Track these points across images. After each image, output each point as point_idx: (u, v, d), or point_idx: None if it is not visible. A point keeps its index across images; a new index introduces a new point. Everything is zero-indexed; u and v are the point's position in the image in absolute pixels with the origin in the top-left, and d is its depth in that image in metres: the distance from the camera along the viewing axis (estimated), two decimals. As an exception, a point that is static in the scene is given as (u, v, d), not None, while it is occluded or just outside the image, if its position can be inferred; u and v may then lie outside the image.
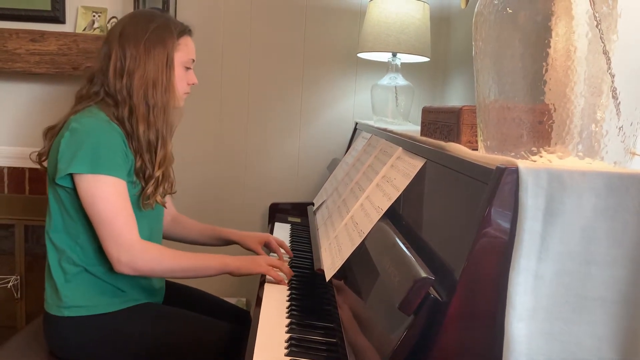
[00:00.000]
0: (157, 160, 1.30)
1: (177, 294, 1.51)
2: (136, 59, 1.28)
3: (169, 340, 1.30)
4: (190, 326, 1.33)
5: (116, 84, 1.28)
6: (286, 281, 1.30)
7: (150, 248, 1.24)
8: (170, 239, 1.60)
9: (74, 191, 1.23)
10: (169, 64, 1.32)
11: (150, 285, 1.39)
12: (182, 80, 1.37)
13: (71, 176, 1.21)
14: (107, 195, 1.20)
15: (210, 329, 1.34)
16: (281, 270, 1.31)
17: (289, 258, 1.51)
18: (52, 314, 1.28)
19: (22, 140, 2.14)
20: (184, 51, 1.36)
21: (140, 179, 1.30)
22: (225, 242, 1.59)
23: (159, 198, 1.33)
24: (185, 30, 1.38)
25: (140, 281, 1.34)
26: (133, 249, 1.21)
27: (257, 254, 1.50)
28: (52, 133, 1.31)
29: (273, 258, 1.37)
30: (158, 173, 1.30)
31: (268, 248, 1.55)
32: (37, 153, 1.34)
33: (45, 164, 1.33)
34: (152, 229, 1.40)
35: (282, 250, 1.52)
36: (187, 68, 1.39)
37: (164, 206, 1.41)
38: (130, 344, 1.28)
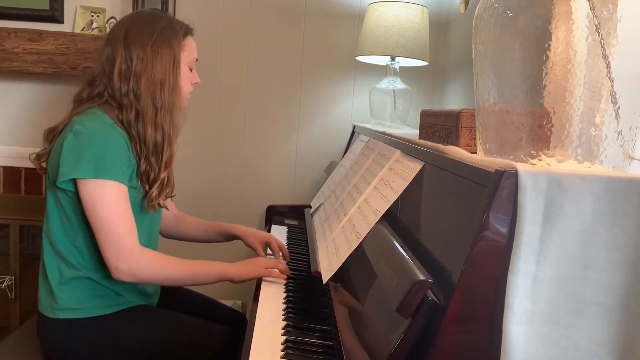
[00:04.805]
0: (163, 161, 1.29)
1: (173, 297, 1.50)
2: (143, 61, 1.26)
3: (164, 343, 1.29)
4: (185, 329, 1.33)
5: (121, 87, 1.26)
6: (285, 276, 1.34)
7: (149, 255, 1.22)
8: (173, 237, 1.60)
9: (76, 195, 1.21)
10: (175, 65, 1.30)
11: (145, 288, 1.38)
12: (187, 81, 1.37)
13: (74, 180, 1.20)
14: (110, 201, 1.18)
15: (206, 331, 1.34)
16: (277, 268, 1.33)
17: (286, 262, 1.50)
18: (46, 316, 1.27)
19: (18, 139, 2.13)
20: (189, 51, 1.36)
21: (143, 182, 1.28)
22: (229, 237, 1.59)
23: (161, 201, 1.32)
24: (189, 30, 1.37)
25: (136, 284, 1.33)
26: (132, 256, 1.19)
27: (256, 252, 1.50)
28: (53, 134, 1.29)
29: (269, 259, 1.38)
30: (164, 175, 1.29)
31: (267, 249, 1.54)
32: (35, 155, 1.32)
33: (44, 164, 1.31)
34: (151, 233, 1.39)
35: (280, 254, 1.52)
36: (191, 68, 1.39)
37: (167, 208, 1.42)
38: (124, 347, 1.27)
